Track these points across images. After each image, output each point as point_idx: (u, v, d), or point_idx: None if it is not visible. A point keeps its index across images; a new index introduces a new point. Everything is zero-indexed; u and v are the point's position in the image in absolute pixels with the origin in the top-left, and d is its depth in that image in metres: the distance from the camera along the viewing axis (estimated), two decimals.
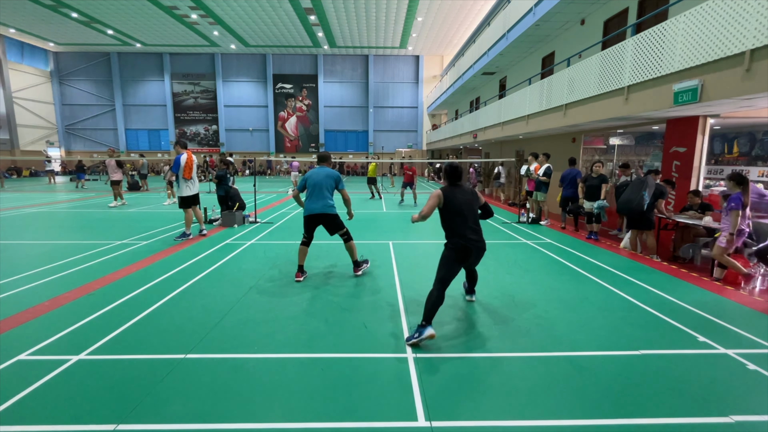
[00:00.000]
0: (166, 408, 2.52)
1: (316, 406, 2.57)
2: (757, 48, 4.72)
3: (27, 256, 6.23)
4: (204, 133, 35.88)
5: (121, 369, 2.98)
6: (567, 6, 10.56)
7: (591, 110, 8.49)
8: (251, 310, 4.15)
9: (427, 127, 35.87)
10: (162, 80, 34.90)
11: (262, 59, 34.77)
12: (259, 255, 6.45)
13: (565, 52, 12.16)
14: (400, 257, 6.41)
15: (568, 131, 11.44)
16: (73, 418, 2.42)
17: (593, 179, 8.04)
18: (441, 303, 3.46)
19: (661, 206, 6.63)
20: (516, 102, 12.90)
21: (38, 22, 26.45)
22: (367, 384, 2.82)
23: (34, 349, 3.26)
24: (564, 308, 4.27)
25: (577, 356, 3.23)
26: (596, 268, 5.84)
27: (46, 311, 4.05)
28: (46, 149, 32.10)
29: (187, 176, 7.37)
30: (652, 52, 6.53)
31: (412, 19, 25.67)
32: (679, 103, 5.92)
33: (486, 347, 3.38)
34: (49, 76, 33.90)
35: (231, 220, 8.99)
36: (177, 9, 24.20)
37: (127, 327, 3.69)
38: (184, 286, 4.84)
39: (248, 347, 3.33)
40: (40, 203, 13.22)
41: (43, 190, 18.43)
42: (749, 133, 7.32)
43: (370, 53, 34.33)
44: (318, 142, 35.94)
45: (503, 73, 18.54)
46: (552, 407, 2.56)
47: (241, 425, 2.38)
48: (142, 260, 6.01)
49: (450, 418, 2.45)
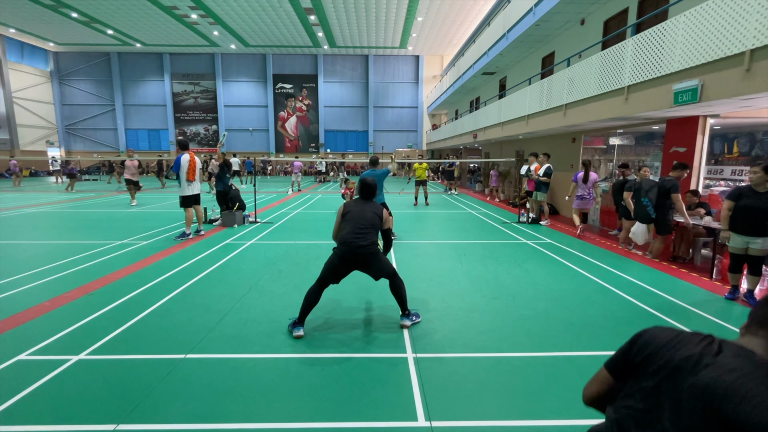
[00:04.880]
0: (166, 408, 2.52)
1: (316, 406, 2.57)
2: (757, 48, 4.71)
3: (27, 256, 6.23)
4: (204, 133, 35.87)
5: (121, 369, 2.98)
6: (567, 6, 10.55)
7: (591, 110, 8.49)
8: (251, 310, 4.15)
9: (427, 127, 35.85)
10: (162, 80, 34.88)
11: (262, 59, 34.76)
12: (260, 255, 6.45)
13: (565, 52, 12.16)
14: (400, 257, 6.42)
15: (568, 131, 11.44)
16: (73, 418, 2.42)
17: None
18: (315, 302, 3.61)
19: (678, 202, 5.68)
20: (516, 102, 12.90)
21: (38, 22, 26.43)
22: (367, 384, 2.82)
23: (34, 349, 3.26)
24: (564, 308, 4.27)
25: (577, 356, 3.23)
26: (596, 268, 5.84)
27: (46, 311, 4.05)
28: (54, 157, 32.03)
29: (191, 178, 7.42)
30: (652, 52, 6.53)
31: (412, 19, 25.67)
32: (678, 103, 5.92)
33: (486, 347, 3.38)
34: (49, 76, 33.87)
35: (231, 220, 8.99)
36: (177, 9, 24.20)
37: (127, 327, 3.69)
38: (184, 286, 4.84)
39: (248, 347, 3.33)
40: (40, 203, 13.22)
41: (55, 190, 18.43)
42: (749, 133, 7.32)
43: (370, 53, 34.33)
44: (318, 142, 35.93)
45: (503, 73, 18.54)
46: (552, 407, 2.56)
47: (241, 425, 2.38)
48: (142, 260, 6.01)
49: (450, 418, 2.45)
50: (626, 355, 1.14)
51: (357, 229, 3.60)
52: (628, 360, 1.13)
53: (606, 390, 1.21)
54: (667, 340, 1.07)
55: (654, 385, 1.03)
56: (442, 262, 6.18)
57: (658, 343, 1.08)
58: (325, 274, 3.62)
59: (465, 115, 22.14)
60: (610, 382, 1.20)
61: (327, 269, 3.62)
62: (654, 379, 1.03)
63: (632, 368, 1.12)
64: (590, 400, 1.27)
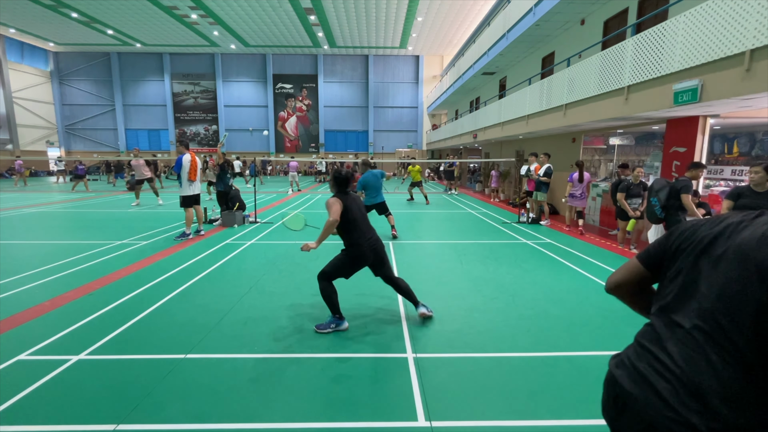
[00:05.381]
0: (166, 408, 2.52)
1: (316, 406, 2.57)
2: (757, 48, 4.72)
3: (27, 256, 6.23)
4: (204, 133, 35.88)
5: (121, 369, 2.98)
6: (567, 6, 10.55)
7: (591, 110, 8.49)
8: (251, 310, 4.15)
9: (427, 127, 35.86)
10: (162, 80, 34.89)
11: (262, 59, 34.77)
12: (260, 255, 6.45)
13: (565, 52, 12.16)
14: (400, 257, 6.41)
15: (568, 131, 11.44)
16: (73, 418, 2.42)
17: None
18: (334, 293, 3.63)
19: (686, 203, 5.45)
20: (516, 102, 12.90)
21: (38, 22, 26.44)
22: (367, 384, 2.82)
23: (34, 349, 3.26)
24: (564, 308, 4.27)
25: (577, 356, 3.23)
26: (596, 268, 5.84)
27: (46, 311, 4.05)
28: (60, 157, 32.04)
29: (193, 178, 7.45)
30: (652, 52, 6.53)
31: (412, 19, 25.67)
32: (679, 103, 5.92)
33: (486, 347, 3.38)
34: (49, 76, 33.89)
35: (231, 220, 8.99)
36: (177, 9, 24.20)
37: (127, 327, 3.68)
38: (184, 286, 4.84)
39: (248, 347, 3.33)
40: (40, 203, 13.22)
41: (57, 190, 18.43)
42: (749, 133, 7.32)
43: (370, 53, 34.33)
44: (318, 142, 35.95)
45: (503, 73, 18.54)
46: (552, 407, 2.56)
47: (241, 425, 2.38)
48: (142, 260, 6.01)
49: (450, 418, 2.45)
50: (663, 246, 1.16)
51: (369, 225, 3.77)
52: (666, 249, 1.15)
53: (632, 278, 1.25)
54: (706, 221, 1.08)
55: (692, 262, 1.04)
56: (442, 262, 6.18)
57: (696, 226, 1.10)
58: (339, 273, 3.63)
59: (465, 115, 22.13)
60: (640, 272, 1.22)
61: (343, 268, 3.63)
62: (690, 257, 1.05)
63: (668, 257, 1.13)
64: (614, 285, 1.29)
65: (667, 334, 1.02)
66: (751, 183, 4.42)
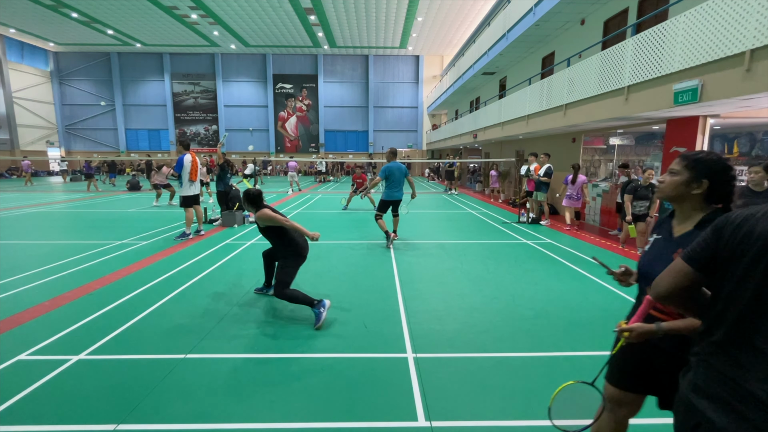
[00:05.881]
0: (166, 408, 2.52)
1: (316, 406, 2.57)
2: (757, 48, 4.72)
3: (27, 256, 6.23)
4: (204, 133, 35.87)
5: (121, 369, 2.99)
6: (567, 6, 10.56)
7: (591, 110, 8.49)
8: (252, 309, 4.15)
9: (427, 127, 35.86)
10: (162, 80, 34.88)
11: (262, 59, 34.76)
12: (260, 255, 6.44)
13: (565, 52, 12.16)
14: (400, 257, 6.41)
15: (568, 131, 11.44)
16: (73, 418, 2.42)
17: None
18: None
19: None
20: (516, 102, 12.90)
21: (38, 22, 26.43)
22: (367, 384, 2.82)
23: (34, 349, 3.26)
24: (564, 308, 4.27)
25: (577, 356, 3.23)
26: (596, 268, 5.83)
27: (46, 311, 4.05)
28: (63, 157, 32.12)
29: (193, 178, 7.47)
30: (652, 52, 6.53)
31: (412, 19, 25.66)
32: (679, 103, 5.92)
33: (486, 347, 3.38)
34: (49, 76, 33.87)
35: (231, 220, 8.99)
36: (177, 9, 24.20)
37: (127, 327, 3.68)
38: (184, 286, 4.84)
39: (248, 347, 3.33)
40: (40, 203, 13.22)
41: (66, 190, 18.43)
42: (749, 133, 7.32)
43: (370, 53, 34.32)
44: (318, 142, 35.93)
45: (503, 73, 18.54)
46: None
47: (241, 425, 2.38)
48: (142, 260, 6.01)
49: (450, 418, 2.45)
50: (712, 246, 1.06)
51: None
52: (718, 249, 1.04)
53: (685, 283, 1.13)
54: (757, 211, 0.98)
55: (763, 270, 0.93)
56: (442, 262, 6.18)
57: (748, 218, 0.99)
58: (290, 277, 3.95)
59: (465, 115, 22.14)
60: (691, 276, 1.12)
61: (291, 270, 3.98)
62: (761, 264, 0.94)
63: (723, 258, 1.03)
64: (667, 294, 1.17)
65: (751, 361, 0.93)
66: (750, 183, 4.41)
